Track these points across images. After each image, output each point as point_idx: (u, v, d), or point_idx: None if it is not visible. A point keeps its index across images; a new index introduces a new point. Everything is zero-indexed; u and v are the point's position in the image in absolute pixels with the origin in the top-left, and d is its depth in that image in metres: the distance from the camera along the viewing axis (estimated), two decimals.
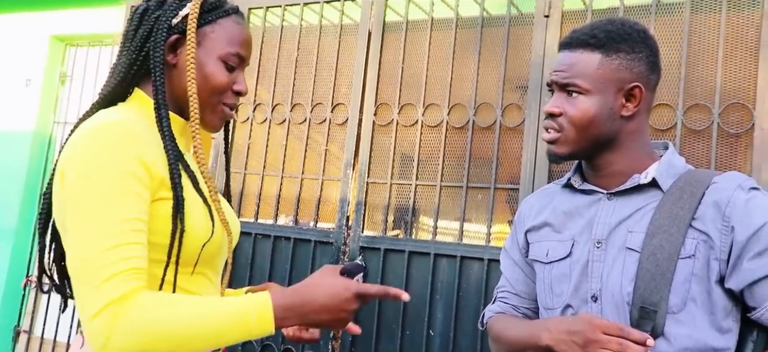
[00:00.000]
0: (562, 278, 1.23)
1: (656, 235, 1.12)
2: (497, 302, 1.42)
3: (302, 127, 3.01)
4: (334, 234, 2.81)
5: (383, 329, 2.67)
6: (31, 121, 4.29)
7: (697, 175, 1.18)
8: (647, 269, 1.11)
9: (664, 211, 1.14)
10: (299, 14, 3.08)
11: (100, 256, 0.94)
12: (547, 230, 1.29)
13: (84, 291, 0.94)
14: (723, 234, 1.11)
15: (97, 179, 0.97)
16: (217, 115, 1.15)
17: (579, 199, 1.26)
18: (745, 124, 2.18)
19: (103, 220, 0.96)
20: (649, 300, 1.10)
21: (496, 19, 2.69)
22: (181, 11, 1.12)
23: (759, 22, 2.18)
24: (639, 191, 1.20)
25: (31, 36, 4.42)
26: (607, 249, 1.18)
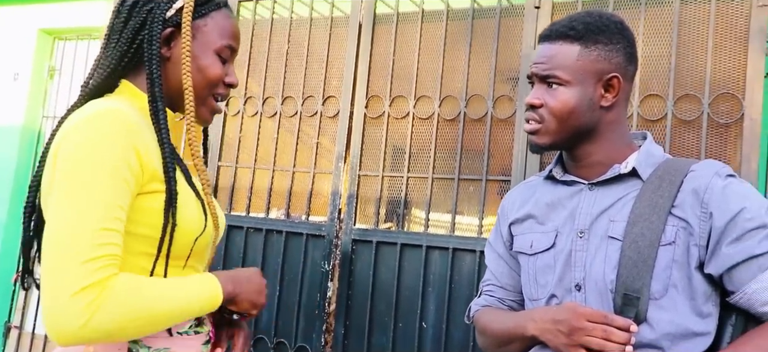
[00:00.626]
0: (546, 268, 1.25)
1: (637, 223, 1.14)
2: (483, 296, 1.43)
3: (293, 120, 3.00)
4: (326, 227, 2.81)
5: (376, 321, 2.67)
6: (20, 116, 4.26)
7: (675, 163, 1.20)
8: (629, 256, 1.13)
9: (644, 199, 1.16)
10: (289, 7, 3.07)
11: (90, 235, 0.94)
12: (531, 222, 1.31)
13: (65, 265, 0.93)
14: (702, 220, 1.13)
15: (93, 160, 0.97)
16: (208, 108, 1.17)
17: (561, 190, 1.28)
18: (734, 114, 2.19)
19: (96, 200, 0.96)
20: (632, 287, 1.12)
21: (486, 11, 2.69)
22: (174, 4, 1.12)
23: (748, 12, 2.19)
24: (619, 181, 1.22)
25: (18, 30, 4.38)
26: (589, 239, 1.20)
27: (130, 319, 0.97)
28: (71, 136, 1.00)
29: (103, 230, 0.95)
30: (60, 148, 1.00)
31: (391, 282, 2.65)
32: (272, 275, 2.91)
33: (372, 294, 2.68)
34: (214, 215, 1.13)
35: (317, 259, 2.82)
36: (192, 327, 1.13)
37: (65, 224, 0.95)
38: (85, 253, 0.94)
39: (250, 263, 2.97)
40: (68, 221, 0.95)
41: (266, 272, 2.93)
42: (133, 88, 1.13)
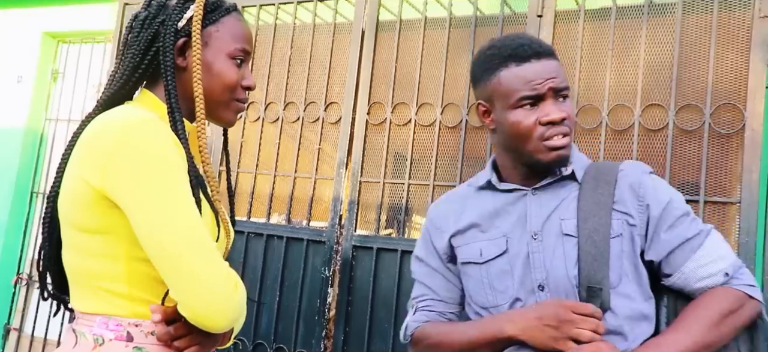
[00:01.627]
0: (502, 274, 1.28)
1: (588, 219, 1.23)
2: (420, 312, 1.42)
3: (295, 125, 3.00)
4: (326, 233, 2.81)
5: (375, 328, 2.67)
6: (23, 119, 4.27)
7: (602, 165, 1.31)
8: (588, 251, 1.21)
9: (587, 198, 1.25)
10: (293, 13, 3.08)
11: (203, 230, 1.01)
12: (474, 231, 1.34)
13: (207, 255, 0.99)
14: (640, 213, 1.24)
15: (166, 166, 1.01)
16: (231, 110, 1.19)
17: (501, 198, 1.33)
18: (736, 124, 2.19)
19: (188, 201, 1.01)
20: (594, 279, 1.19)
21: (489, 19, 2.70)
22: (185, 14, 1.15)
23: (750, 22, 2.19)
24: (558, 184, 1.30)
25: (23, 32, 4.39)
26: (544, 239, 1.26)
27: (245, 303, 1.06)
28: (125, 144, 1.00)
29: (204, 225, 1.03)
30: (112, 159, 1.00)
31: (392, 289, 2.64)
32: (272, 281, 2.91)
33: (372, 300, 2.67)
34: (225, 221, 1.15)
35: (318, 264, 2.82)
36: None
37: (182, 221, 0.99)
38: (211, 243, 1.01)
39: (250, 267, 2.97)
40: (183, 219, 0.99)
41: (266, 277, 2.93)
42: (154, 97, 1.15)
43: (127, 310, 1.05)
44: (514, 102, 1.24)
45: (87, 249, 1.05)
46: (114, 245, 1.03)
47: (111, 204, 1.01)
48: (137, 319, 1.06)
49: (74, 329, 1.09)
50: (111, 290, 1.05)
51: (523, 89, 1.23)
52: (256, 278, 2.94)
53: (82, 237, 1.05)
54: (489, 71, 1.28)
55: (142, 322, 1.06)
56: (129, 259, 1.03)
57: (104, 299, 1.05)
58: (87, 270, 1.06)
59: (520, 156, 1.28)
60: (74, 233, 1.06)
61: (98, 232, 1.03)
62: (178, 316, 1.03)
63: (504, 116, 1.26)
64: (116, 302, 1.05)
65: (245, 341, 2.90)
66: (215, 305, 0.98)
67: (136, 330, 1.05)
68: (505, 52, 1.26)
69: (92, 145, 1.04)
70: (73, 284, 1.11)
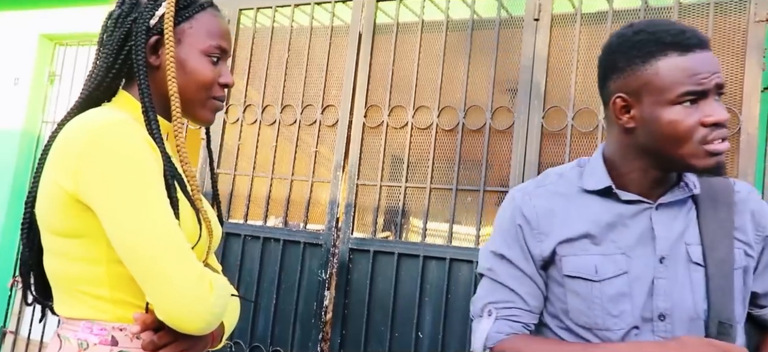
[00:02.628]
0: (620, 297, 1.13)
1: (715, 247, 1.11)
2: (502, 321, 1.21)
3: (292, 128, 3.00)
4: (323, 236, 2.81)
5: (372, 331, 2.67)
6: (20, 121, 4.26)
7: (713, 183, 1.16)
8: (718, 283, 1.10)
9: (708, 221, 1.13)
10: (290, 16, 3.08)
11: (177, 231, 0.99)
12: (586, 241, 1.17)
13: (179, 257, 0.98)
14: (757, 243, 1.15)
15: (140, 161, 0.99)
16: (208, 109, 1.16)
17: (620, 208, 1.16)
18: (731, 128, 2.20)
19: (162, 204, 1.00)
20: (724, 315, 1.09)
21: (486, 22, 2.70)
22: (157, 11, 1.12)
23: (745, 26, 2.20)
24: (678, 202, 1.15)
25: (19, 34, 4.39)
26: (669, 265, 1.12)
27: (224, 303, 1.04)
28: (95, 148, 0.98)
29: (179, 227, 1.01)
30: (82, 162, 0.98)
31: (388, 291, 2.64)
32: (269, 283, 2.91)
33: (369, 303, 2.67)
34: (207, 219, 1.13)
35: (314, 267, 2.82)
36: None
37: (154, 225, 0.98)
38: (185, 244, 1.00)
39: (247, 270, 2.97)
40: (155, 221, 0.98)
41: (263, 279, 2.93)
42: (130, 97, 1.13)
43: (110, 314, 1.04)
44: (674, 97, 1.05)
45: (66, 253, 1.03)
46: (93, 248, 1.02)
47: (85, 207, 1.00)
48: (121, 323, 1.04)
49: (59, 334, 1.08)
50: (93, 294, 1.03)
51: (687, 83, 1.05)
52: (252, 281, 2.94)
53: (60, 242, 1.04)
54: (641, 59, 1.09)
55: (126, 326, 1.04)
56: (109, 261, 1.02)
57: (87, 303, 1.04)
58: (68, 275, 1.05)
59: (663, 161, 1.11)
60: (53, 238, 1.05)
61: (76, 236, 1.02)
62: (161, 323, 1.01)
63: (656, 113, 1.07)
64: (99, 305, 1.04)
65: (242, 343, 2.90)
66: (188, 307, 0.97)
67: (121, 334, 1.04)
68: (664, 38, 1.07)
69: (64, 149, 1.02)
70: (55, 289, 1.09)
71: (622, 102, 1.13)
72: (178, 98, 1.10)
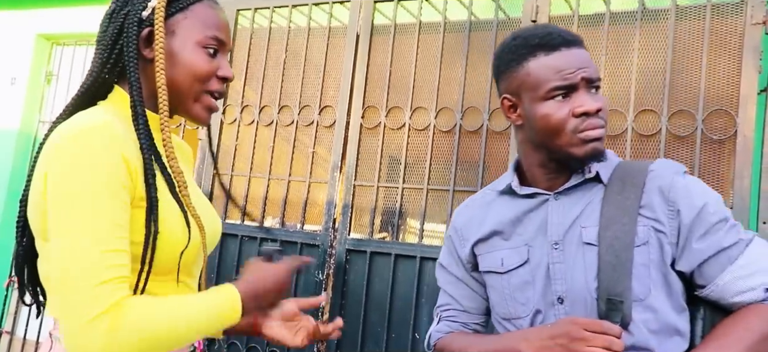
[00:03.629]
0: (524, 285, 1.22)
1: (609, 227, 1.14)
2: (443, 322, 1.38)
3: (290, 129, 3.00)
4: (320, 236, 2.81)
5: (369, 331, 2.67)
6: (16, 121, 4.25)
7: (631, 165, 1.21)
8: (608, 260, 1.12)
9: (611, 202, 1.16)
10: (287, 16, 3.08)
11: (98, 258, 0.92)
12: (496, 238, 1.27)
13: (78, 293, 0.91)
14: (670, 218, 1.14)
15: (88, 181, 0.94)
16: (202, 104, 1.11)
17: (522, 203, 1.25)
18: (728, 130, 2.20)
19: (97, 222, 0.93)
20: (614, 291, 1.11)
21: (483, 23, 2.70)
22: (150, 3, 1.08)
23: (742, 29, 2.21)
24: (582, 187, 1.21)
25: (16, 34, 4.38)
26: (564, 249, 1.18)
27: (148, 341, 0.94)
28: (61, 156, 0.96)
29: (110, 252, 0.93)
30: (50, 167, 0.97)
31: (385, 292, 2.64)
32: None
33: (365, 304, 2.67)
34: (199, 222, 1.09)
35: (311, 268, 2.82)
36: None
37: (72, 249, 0.92)
38: (96, 276, 0.91)
39: None
40: (75, 245, 0.92)
41: None
42: (123, 93, 1.10)
43: None
44: (544, 93, 1.15)
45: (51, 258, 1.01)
46: None
47: None
48: None
49: (52, 334, 1.07)
50: None
51: (553, 79, 1.14)
52: None
53: (47, 245, 1.01)
54: (515, 62, 1.19)
55: None
56: None
57: None
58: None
59: (550, 153, 1.19)
60: (41, 242, 1.03)
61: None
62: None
63: (533, 110, 1.17)
64: None
65: (238, 344, 2.90)
66: (72, 348, 0.92)
67: None
68: (532, 41, 1.18)
69: (45, 152, 1.00)
70: (48, 291, 1.08)
71: (508, 102, 1.23)
72: (165, 91, 1.06)
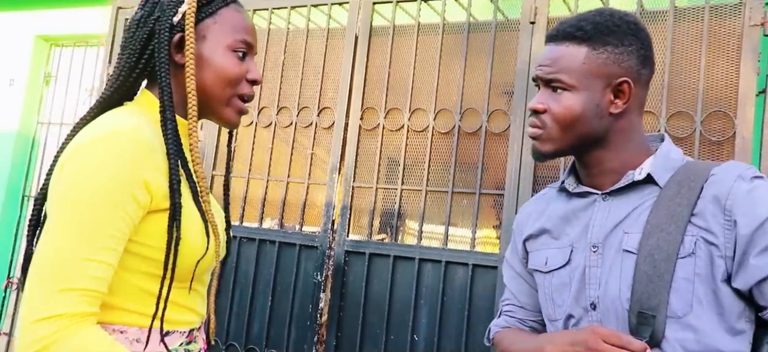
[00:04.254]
0: (562, 287, 1.17)
1: (653, 234, 1.05)
2: (503, 317, 1.34)
3: (288, 130, 3.00)
4: (319, 238, 2.81)
5: (367, 333, 2.66)
6: (15, 122, 4.25)
7: (695, 167, 1.10)
8: (644, 271, 1.04)
9: (661, 208, 1.07)
10: (286, 17, 3.08)
11: (77, 264, 0.92)
12: (546, 237, 1.23)
13: (42, 289, 0.90)
14: (726, 230, 1.03)
15: (90, 185, 0.94)
16: (233, 108, 1.12)
17: (574, 202, 1.19)
18: (726, 132, 2.20)
19: (91, 228, 0.93)
20: (647, 304, 1.03)
21: (482, 25, 2.71)
22: (180, 9, 1.09)
23: (740, 31, 2.21)
24: (635, 189, 1.13)
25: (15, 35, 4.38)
26: (604, 253, 1.11)
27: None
28: (77, 156, 0.97)
29: (93, 261, 0.92)
30: (65, 166, 0.98)
31: (384, 294, 2.64)
32: (265, 285, 2.91)
33: (364, 306, 2.67)
34: (214, 225, 1.10)
35: (310, 269, 2.81)
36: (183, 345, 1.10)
37: (50, 249, 0.92)
38: (64, 280, 0.91)
39: (242, 272, 2.96)
40: (54, 245, 0.92)
41: (259, 281, 2.92)
42: (151, 96, 1.11)
43: (113, 317, 1.02)
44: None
45: None
46: None
47: None
48: (123, 325, 1.02)
49: None
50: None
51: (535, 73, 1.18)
52: (248, 283, 2.93)
53: None
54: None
55: (128, 329, 1.02)
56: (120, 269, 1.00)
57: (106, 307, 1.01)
58: None
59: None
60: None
61: None
62: None
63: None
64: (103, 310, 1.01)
65: (237, 345, 2.89)
66: (19, 339, 0.91)
67: (122, 337, 1.02)
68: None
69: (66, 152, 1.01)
70: None
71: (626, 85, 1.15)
72: (195, 96, 1.07)
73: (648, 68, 1.15)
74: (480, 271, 2.47)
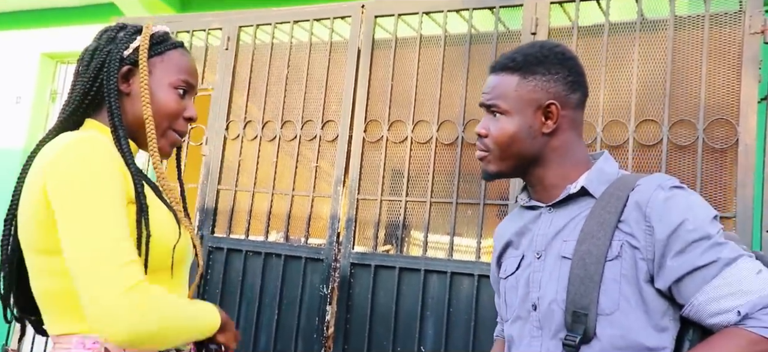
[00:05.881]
0: (512, 290, 1.31)
1: (585, 241, 1.17)
2: (498, 325, 1.51)
3: (293, 144, 3.02)
4: (324, 250, 2.82)
5: (374, 345, 2.67)
6: (22, 139, 4.29)
7: (625, 179, 1.22)
8: (577, 273, 1.15)
9: (593, 217, 1.18)
10: (289, 32, 3.10)
11: (117, 244, 1.02)
12: (510, 249, 1.37)
13: (109, 269, 0.99)
14: (646, 234, 1.13)
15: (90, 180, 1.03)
16: (167, 140, 1.24)
17: (527, 215, 1.33)
18: (729, 139, 2.21)
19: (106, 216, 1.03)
20: (580, 304, 1.13)
21: (484, 36, 2.72)
22: (131, 44, 1.21)
23: (741, 39, 2.22)
24: (574, 201, 1.25)
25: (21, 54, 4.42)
26: (545, 259, 1.24)
27: (165, 325, 1.05)
28: (60, 165, 1.05)
29: (123, 240, 1.03)
30: (50, 178, 1.04)
31: (390, 306, 2.65)
32: (271, 298, 2.92)
33: (370, 318, 2.68)
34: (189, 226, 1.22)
35: (316, 282, 2.82)
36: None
37: (92, 237, 1.01)
38: (123, 256, 1.02)
39: (248, 286, 2.97)
40: (92, 234, 1.01)
41: (265, 295, 2.93)
42: (97, 123, 1.21)
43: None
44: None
45: (53, 271, 1.07)
46: None
47: None
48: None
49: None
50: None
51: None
52: (254, 296, 2.94)
53: (45, 260, 1.08)
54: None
55: None
56: None
57: (79, 317, 1.06)
58: (59, 291, 1.08)
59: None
60: (38, 257, 1.09)
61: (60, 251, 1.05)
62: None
63: None
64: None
65: None
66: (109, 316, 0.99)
67: (113, 346, 1.06)
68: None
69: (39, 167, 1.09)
70: (45, 311, 1.13)
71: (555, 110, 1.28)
72: (152, 121, 1.19)
73: (578, 92, 1.29)
74: (485, 281, 2.47)
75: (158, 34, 1.25)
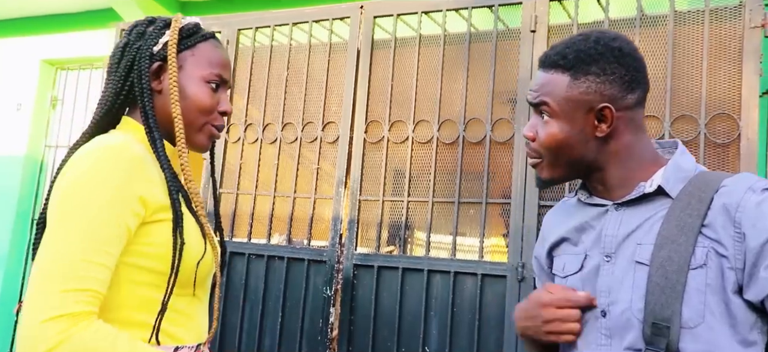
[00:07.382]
0: None
1: (664, 246, 1.06)
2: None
3: (294, 145, 3.02)
4: (327, 252, 2.82)
5: (378, 346, 2.67)
6: (23, 146, 4.29)
7: (706, 177, 1.10)
8: (657, 282, 1.05)
9: (672, 220, 1.08)
10: (288, 34, 3.10)
11: (72, 265, 0.96)
12: (566, 244, 1.26)
13: (46, 290, 0.94)
14: (736, 241, 1.03)
15: (86, 192, 1.00)
16: (204, 134, 1.20)
17: (588, 211, 1.22)
18: (731, 134, 2.20)
19: (91, 232, 0.98)
20: (661, 315, 1.04)
21: (483, 35, 2.72)
22: (161, 39, 1.17)
23: (741, 33, 2.21)
24: (646, 200, 1.13)
25: (21, 60, 4.42)
26: (616, 263, 1.13)
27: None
28: (72, 168, 1.03)
29: (86, 262, 0.96)
30: (64, 177, 1.04)
31: (394, 306, 2.65)
32: (274, 301, 2.92)
33: (374, 319, 2.68)
34: (211, 236, 1.17)
35: (319, 284, 2.82)
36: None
37: (51, 252, 0.97)
38: (65, 282, 0.94)
39: (251, 289, 2.97)
40: (54, 248, 0.97)
41: (268, 297, 2.93)
42: (133, 121, 1.18)
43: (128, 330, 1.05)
44: None
45: None
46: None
47: None
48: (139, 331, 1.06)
49: None
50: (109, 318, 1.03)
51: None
52: (257, 299, 2.94)
53: None
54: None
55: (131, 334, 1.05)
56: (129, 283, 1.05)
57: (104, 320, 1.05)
58: None
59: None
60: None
61: None
62: None
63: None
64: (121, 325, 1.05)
65: None
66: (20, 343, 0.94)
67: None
68: None
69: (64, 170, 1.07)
70: None
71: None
72: (181, 120, 1.14)
73: (637, 91, 1.16)
74: (489, 280, 2.47)
75: (188, 26, 1.20)
